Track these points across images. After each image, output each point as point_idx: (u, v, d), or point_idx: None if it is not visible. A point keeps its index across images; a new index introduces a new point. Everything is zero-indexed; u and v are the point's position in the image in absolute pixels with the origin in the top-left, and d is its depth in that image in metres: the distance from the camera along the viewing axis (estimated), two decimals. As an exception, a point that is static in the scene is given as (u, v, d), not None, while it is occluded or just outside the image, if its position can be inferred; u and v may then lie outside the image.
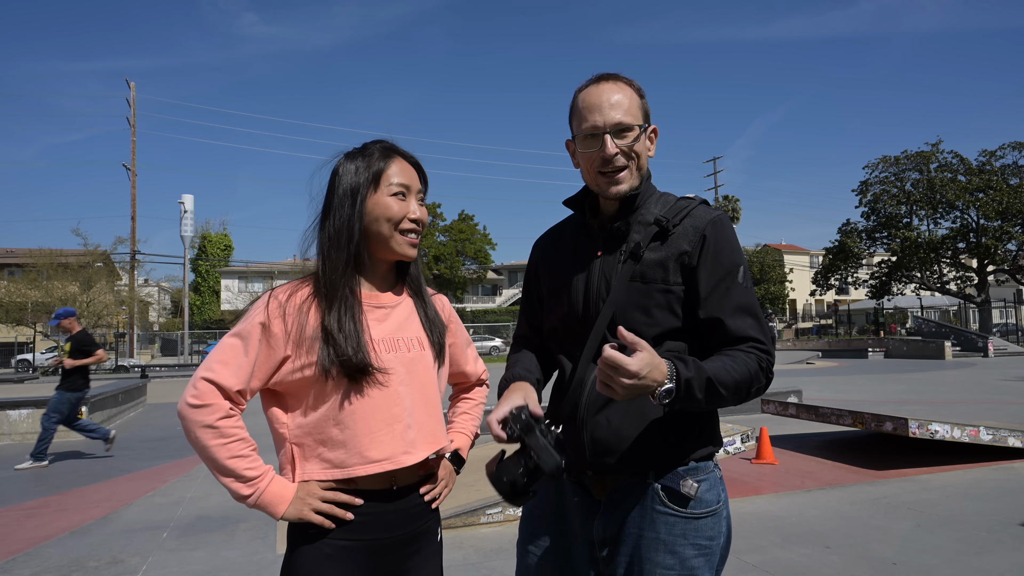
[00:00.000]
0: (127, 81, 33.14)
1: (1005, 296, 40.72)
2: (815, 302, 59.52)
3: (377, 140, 1.46)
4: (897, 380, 15.56)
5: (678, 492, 1.33)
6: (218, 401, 1.28)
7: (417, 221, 1.43)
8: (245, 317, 1.35)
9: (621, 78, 1.44)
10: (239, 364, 1.31)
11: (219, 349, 1.33)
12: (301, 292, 1.38)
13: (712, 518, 1.36)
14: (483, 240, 44.20)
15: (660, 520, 1.33)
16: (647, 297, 1.37)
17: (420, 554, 1.43)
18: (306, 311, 1.35)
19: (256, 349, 1.32)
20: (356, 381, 1.33)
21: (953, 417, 7.79)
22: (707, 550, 1.34)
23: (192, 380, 1.31)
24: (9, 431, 8.98)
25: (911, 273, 35.89)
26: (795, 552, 3.80)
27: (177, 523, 4.76)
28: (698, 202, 1.45)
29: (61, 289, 26.62)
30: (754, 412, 9.12)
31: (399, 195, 1.40)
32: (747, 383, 1.31)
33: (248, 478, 1.29)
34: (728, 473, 5.80)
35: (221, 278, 50.31)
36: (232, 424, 1.29)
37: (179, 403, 1.30)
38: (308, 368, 1.32)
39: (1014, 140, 35.93)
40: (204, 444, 1.27)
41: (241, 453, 1.29)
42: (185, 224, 36.51)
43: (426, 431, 1.41)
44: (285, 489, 1.32)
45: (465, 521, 4.30)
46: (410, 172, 1.44)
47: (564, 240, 1.56)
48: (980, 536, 3.98)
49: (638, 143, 1.41)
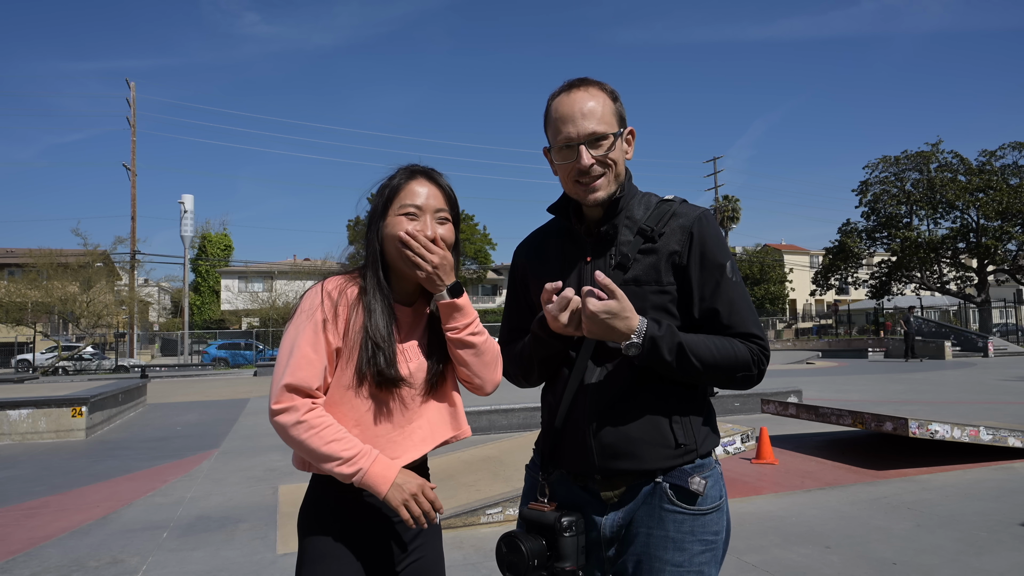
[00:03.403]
0: (127, 81, 33.17)
1: (1005, 296, 40.71)
2: (815, 302, 59.54)
3: (409, 164, 1.52)
4: (897, 380, 15.55)
5: (687, 490, 1.35)
6: (298, 401, 1.35)
7: (429, 240, 1.44)
8: (303, 312, 1.42)
9: (593, 83, 1.43)
10: (310, 362, 1.38)
11: (291, 353, 1.39)
12: (351, 289, 1.45)
13: (716, 513, 1.39)
14: (483, 240, 44.28)
15: (669, 518, 1.35)
16: (642, 300, 1.38)
17: (422, 534, 1.51)
18: (356, 308, 1.43)
19: (323, 342, 1.40)
20: (382, 387, 1.41)
21: (953, 417, 7.79)
22: (712, 545, 1.37)
23: (272, 388, 1.37)
24: (9, 431, 8.97)
25: (911, 273, 35.88)
26: (795, 552, 3.80)
27: (177, 523, 4.76)
28: (679, 202, 1.46)
29: (61, 289, 26.59)
30: (754, 412, 9.12)
31: (410, 215, 1.44)
32: (730, 365, 1.35)
33: (347, 458, 1.35)
34: (728, 473, 5.80)
35: (221, 278, 50.29)
36: (318, 415, 1.37)
37: (269, 415, 1.38)
38: (348, 367, 1.41)
39: (1014, 140, 35.96)
40: (300, 440, 1.34)
41: (335, 437, 1.36)
42: (185, 224, 36.52)
43: (435, 425, 1.50)
44: (388, 470, 1.38)
45: (465, 521, 4.30)
46: (428, 192, 1.47)
47: (549, 246, 1.55)
48: (980, 536, 3.98)
49: (613, 151, 1.40)
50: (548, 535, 1.36)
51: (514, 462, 5.20)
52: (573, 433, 1.41)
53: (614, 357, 1.39)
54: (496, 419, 8.51)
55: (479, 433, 8.29)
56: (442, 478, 5.13)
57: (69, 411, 9.16)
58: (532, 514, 1.40)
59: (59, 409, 9.11)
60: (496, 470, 5.16)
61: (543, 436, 1.51)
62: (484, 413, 8.49)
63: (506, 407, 8.60)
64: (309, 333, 1.39)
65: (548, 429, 1.48)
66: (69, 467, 7.09)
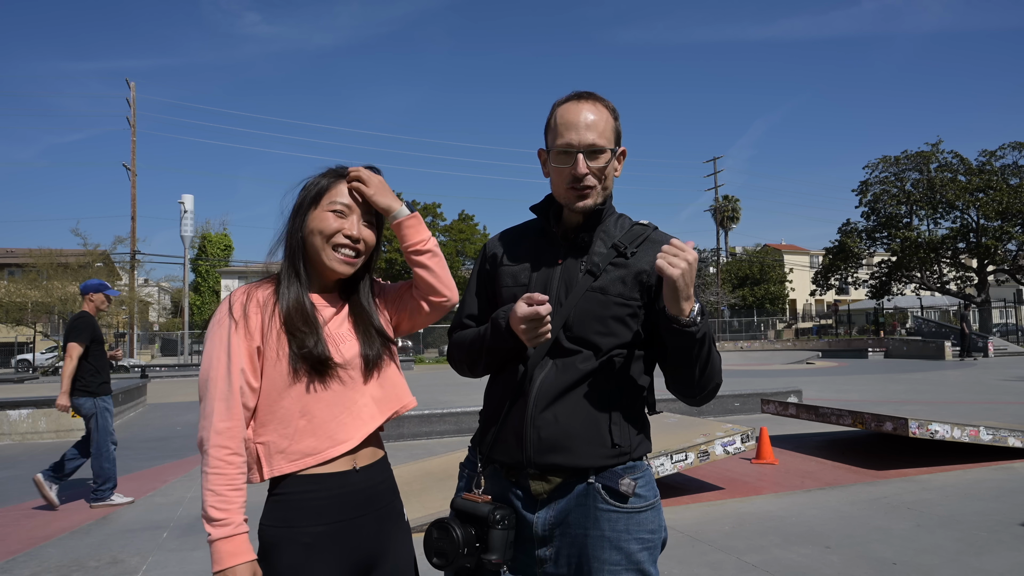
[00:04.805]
0: (127, 81, 33.12)
1: (1005, 296, 40.71)
2: (815, 302, 59.51)
3: (339, 165, 1.55)
4: (897, 380, 15.55)
5: (616, 490, 1.38)
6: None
7: (353, 239, 1.47)
8: (212, 329, 1.43)
9: (599, 99, 1.50)
10: (228, 402, 1.38)
11: (209, 396, 1.38)
12: (260, 292, 1.46)
13: (652, 511, 1.42)
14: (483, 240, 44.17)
15: (603, 517, 1.38)
16: (605, 308, 1.43)
17: (392, 535, 1.50)
18: (269, 306, 1.44)
19: (242, 348, 1.40)
20: (319, 372, 1.41)
21: (953, 417, 7.79)
22: (650, 543, 1.40)
23: (202, 431, 1.37)
24: (9, 431, 8.97)
25: (911, 273, 35.89)
26: (795, 552, 3.80)
27: (177, 523, 4.76)
28: (653, 228, 1.53)
29: (61, 289, 26.57)
30: (754, 412, 9.13)
31: (337, 212, 1.47)
32: (718, 368, 1.42)
33: (212, 517, 1.34)
34: (728, 473, 5.81)
35: (221, 278, 50.28)
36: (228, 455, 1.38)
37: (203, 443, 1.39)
38: (280, 360, 1.40)
39: (1014, 140, 35.93)
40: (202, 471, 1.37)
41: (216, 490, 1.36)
42: (185, 224, 36.49)
43: (380, 401, 1.50)
44: (234, 557, 1.32)
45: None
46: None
47: (525, 243, 1.59)
48: (980, 536, 3.98)
49: (608, 166, 1.47)
50: (479, 526, 1.38)
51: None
52: (512, 425, 1.43)
53: (566, 355, 1.43)
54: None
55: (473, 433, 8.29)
56: (442, 478, 5.13)
57: (69, 411, 9.15)
58: (465, 504, 1.42)
59: (59, 409, 9.11)
60: (496, 470, 5.15)
61: (481, 429, 1.54)
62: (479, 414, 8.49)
63: (506, 407, 8.59)
64: (223, 356, 1.38)
65: (487, 421, 1.51)
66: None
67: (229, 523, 1.32)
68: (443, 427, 8.39)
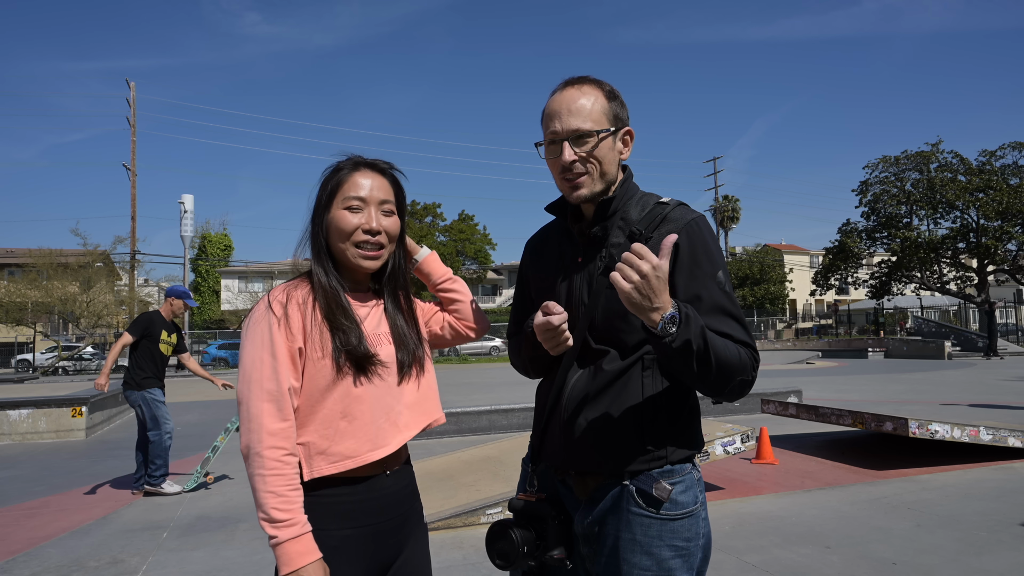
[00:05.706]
0: (127, 81, 33.11)
1: (1005, 296, 40.70)
2: (815, 302, 59.50)
3: (355, 155, 1.51)
4: (897, 380, 15.55)
5: (650, 495, 1.34)
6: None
7: (372, 231, 1.44)
8: (252, 327, 1.39)
9: (588, 81, 1.43)
10: (277, 401, 1.36)
11: (253, 397, 1.35)
12: (298, 291, 1.44)
13: (689, 520, 1.35)
14: (483, 240, 44.20)
15: (636, 521, 1.34)
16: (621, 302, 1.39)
17: (412, 536, 1.51)
18: (308, 305, 1.42)
19: (284, 346, 1.37)
20: (362, 371, 1.40)
21: (953, 417, 7.79)
22: (684, 551, 1.34)
23: (250, 435, 1.33)
24: (9, 431, 8.97)
25: (911, 273, 35.86)
26: (795, 552, 3.80)
27: (177, 523, 4.76)
28: (674, 205, 1.43)
29: (61, 289, 26.57)
30: (754, 412, 9.12)
31: (353, 208, 1.44)
32: (734, 366, 1.28)
33: (276, 519, 1.32)
34: (728, 473, 5.81)
35: (221, 278, 50.28)
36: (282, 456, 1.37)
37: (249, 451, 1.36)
38: (325, 359, 1.38)
39: (1014, 140, 35.85)
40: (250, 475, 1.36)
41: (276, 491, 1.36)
42: (185, 224, 36.44)
43: (414, 412, 1.50)
44: (302, 556, 1.31)
45: (465, 521, 4.30)
46: (373, 183, 1.46)
47: (550, 243, 1.58)
48: (980, 536, 3.98)
49: (598, 149, 1.39)
50: (537, 524, 1.38)
51: (514, 462, 5.20)
52: (552, 429, 1.44)
53: (595, 357, 1.41)
54: (496, 419, 8.51)
55: (479, 433, 8.29)
56: (442, 478, 5.13)
57: (69, 411, 9.17)
58: (520, 504, 1.43)
59: (59, 409, 9.13)
60: (496, 470, 5.16)
61: (533, 429, 1.55)
62: (484, 413, 8.49)
63: (506, 407, 8.60)
64: (267, 356, 1.35)
65: (535, 422, 1.52)
66: (69, 467, 7.10)
67: (295, 523, 1.30)
68: (443, 427, 8.39)
